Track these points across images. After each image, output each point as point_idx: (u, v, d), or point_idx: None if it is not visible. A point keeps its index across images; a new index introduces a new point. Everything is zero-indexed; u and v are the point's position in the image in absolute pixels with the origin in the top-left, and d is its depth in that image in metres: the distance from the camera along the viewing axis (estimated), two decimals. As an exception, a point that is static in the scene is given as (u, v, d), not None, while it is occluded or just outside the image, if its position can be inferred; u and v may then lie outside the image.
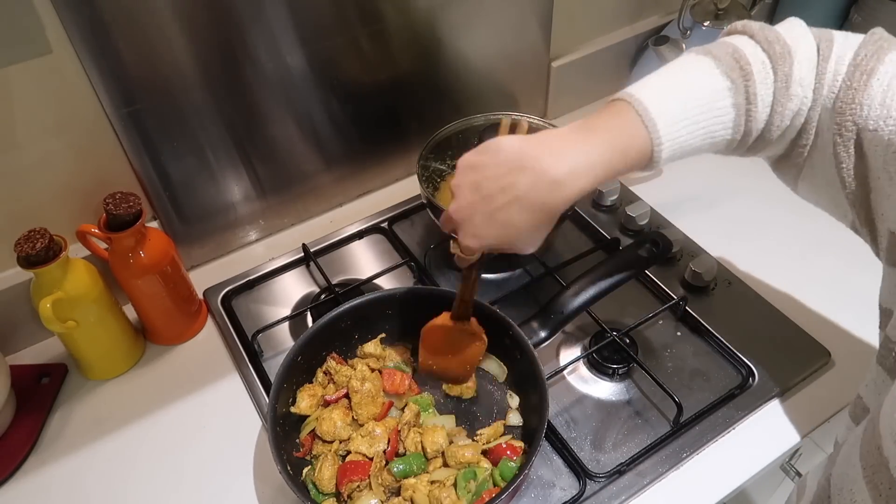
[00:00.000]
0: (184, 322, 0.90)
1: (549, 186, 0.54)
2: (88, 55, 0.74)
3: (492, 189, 0.56)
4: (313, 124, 0.96)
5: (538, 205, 0.55)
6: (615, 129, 0.55)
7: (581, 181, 0.54)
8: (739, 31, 0.59)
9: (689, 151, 0.57)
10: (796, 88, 0.55)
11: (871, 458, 0.51)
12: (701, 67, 0.56)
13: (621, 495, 0.72)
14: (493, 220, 0.57)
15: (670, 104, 0.55)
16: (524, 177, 0.55)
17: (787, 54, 0.55)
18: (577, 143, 0.55)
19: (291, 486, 0.65)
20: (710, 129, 0.56)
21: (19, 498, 0.76)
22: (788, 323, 0.86)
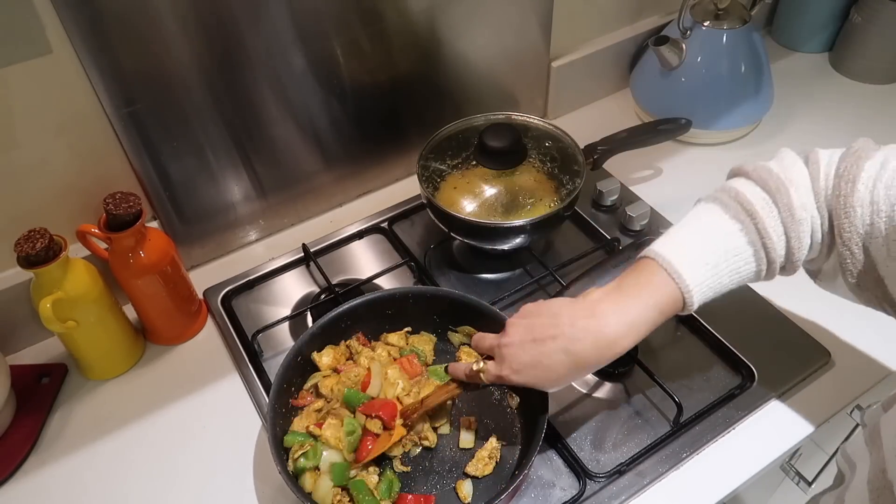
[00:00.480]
0: (184, 322, 0.90)
1: (599, 344, 0.61)
2: (88, 55, 0.74)
3: (545, 335, 0.62)
4: (313, 124, 0.96)
5: (582, 358, 0.61)
6: (649, 288, 0.61)
7: (627, 340, 0.61)
8: (736, 173, 0.67)
9: (721, 290, 0.63)
10: (801, 213, 0.61)
11: (876, 481, 0.52)
12: (712, 216, 0.63)
13: (621, 495, 0.72)
14: (538, 364, 0.62)
15: (690, 255, 0.61)
16: (574, 331, 0.61)
17: (781, 187, 0.61)
18: (618, 305, 0.61)
19: (291, 486, 0.65)
20: (733, 267, 0.62)
21: (19, 498, 0.76)
22: (788, 323, 0.86)
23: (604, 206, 1.03)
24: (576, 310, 0.63)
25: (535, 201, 0.89)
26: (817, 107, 1.21)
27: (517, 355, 0.64)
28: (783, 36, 1.36)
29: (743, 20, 1.08)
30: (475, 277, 0.96)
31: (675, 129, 1.03)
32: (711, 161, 1.12)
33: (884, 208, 0.56)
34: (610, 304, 0.62)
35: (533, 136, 0.95)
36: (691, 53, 1.09)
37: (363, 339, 0.82)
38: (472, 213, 0.89)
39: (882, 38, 1.21)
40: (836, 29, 1.29)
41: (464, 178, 0.92)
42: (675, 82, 1.12)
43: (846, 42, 1.27)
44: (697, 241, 0.62)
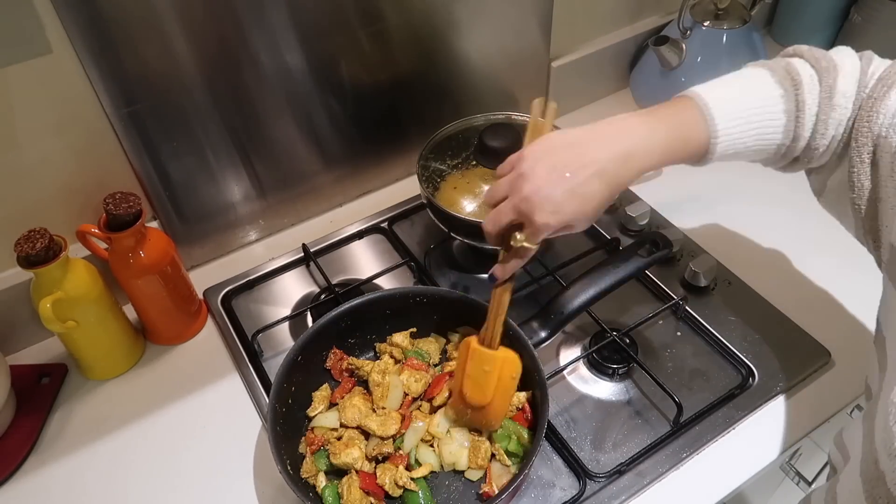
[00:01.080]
0: (184, 322, 0.90)
1: (624, 159, 0.60)
2: (88, 55, 0.74)
3: (573, 166, 0.60)
4: (313, 124, 0.96)
5: (615, 177, 0.60)
6: (679, 117, 0.62)
7: (647, 158, 0.60)
8: (791, 53, 0.66)
9: (741, 150, 0.63)
10: (839, 99, 0.60)
11: (869, 472, 0.52)
12: (758, 77, 0.63)
13: (621, 495, 0.72)
14: (575, 195, 0.60)
15: (728, 105, 0.61)
16: (602, 153, 0.60)
17: (831, 68, 0.61)
18: (642, 124, 0.61)
19: (291, 486, 0.65)
20: (762, 130, 0.61)
21: (19, 498, 0.76)
22: (788, 323, 0.87)
23: (604, 206, 1.03)
24: (596, 130, 0.62)
25: (535, 201, 0.89)
26: (817, 107, 1.21)
27: (551, 197, 0.60)
28: (783, 36, 1.35)
29: (743, 20, 1.08)
30: (475, 277, 0.96)
31: (675, 129, 1.03)
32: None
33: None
34: (637, 121, 0.62)
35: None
36: (691, 53, 1.09)
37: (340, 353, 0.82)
38: (472, 213, 0.89)
39: (882, 38, 1.21)
40: (836, 29, 1.29)
41: (464, 178, 0.92)
42: (675, 82, 1.12)
43: (846, 42, 1.26)
44: (737, 93, 0.63)
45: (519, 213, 0.62)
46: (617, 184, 0.61)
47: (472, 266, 0.98)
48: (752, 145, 0.62)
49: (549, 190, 0.60)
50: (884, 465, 0.50)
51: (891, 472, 0.49)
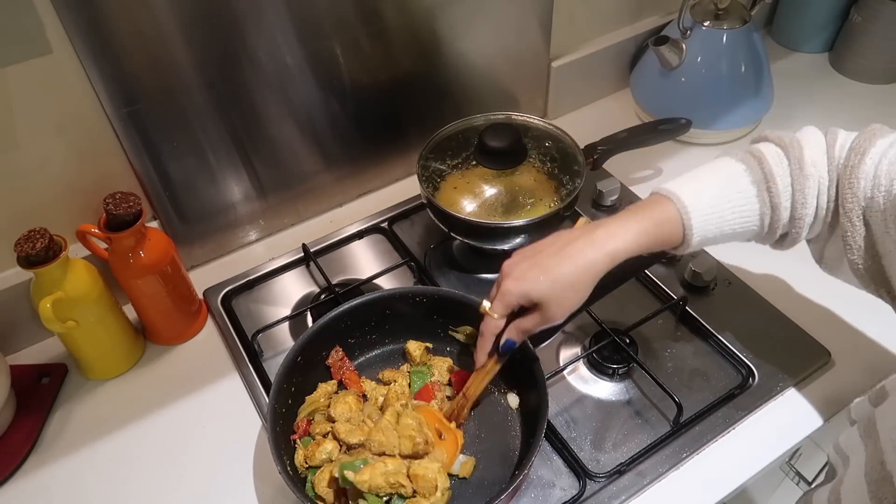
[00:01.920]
0: (184, 322, 0.90)
1: (593, 244, 0.63)
2: (88, 55, 0.74)
3: (544, 249, 0.66)
4: (313, 124, 0.96)
5: (582, 259, 0.63)
6: (646, 208, 0.65)
7: (620, 241, 0.63)
8: (756, 140, 0.69)
9: (722, 226, 0.65)
10: (810, 169, 0.63)
11: (874, 473, 0.53)
12: (719, 161, 0.68)
13: (621, 495, 0.72)
14: (542, 267, 0.64)
15: (692, 184, 0.65)
16: (577, 241, 0.64)
17: (795, 143, 0.64)
18: (616, 219, 0.65)
19: (291, 486, 0.65)
20: (736, 204, 0.64)
21: (19, 498, 0.76)
22: (788, 323, 0.86)
23: (604, 206, 1.03)
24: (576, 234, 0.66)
25: (535, 201, 0.89)
26: (817, 107, 1.21)
27: (519, 267, 0.65)
28: (783, 36, 1.36)
29: (743, 20, 1.08)
30: (475, 277, 0.96)
31: (675, 129, 1.03)
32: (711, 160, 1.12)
33: (884, 182, 0.58)
34: (609, 222, 0.65)
35: (533, 136, 0.95)
36: (691, 53, 1.09)
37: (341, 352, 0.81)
38: (472, 213, 0.89)
39: (882, 38, 1.21)
40: (836, 29, 1.29)
41: (464, 178, 0.92)
42: (675, 82, 1.12)
43: (846, 42, 1.27)
44: (701, 179, 0.66)
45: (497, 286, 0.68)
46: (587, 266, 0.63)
47: (472, 266, 0.98)
48: (730, 219, 0.65)
49: (522, 263, 0.65)
50: (891, 465, 0.51)
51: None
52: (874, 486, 0.53)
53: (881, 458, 0.52)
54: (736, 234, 0.66)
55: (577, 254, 0.63)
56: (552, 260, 0.64)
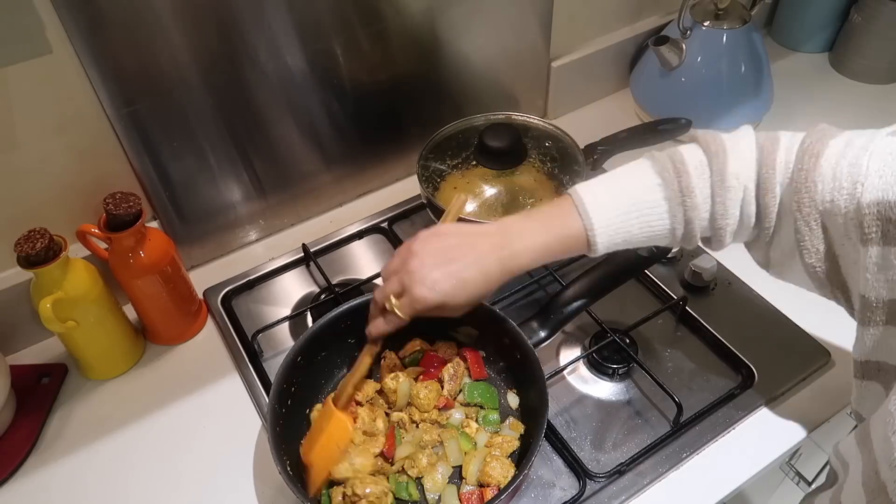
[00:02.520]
0: (184, 322, 0.90)
1: (503, 259, 0.64)
2: (88, 55, 0.74)
3: (457, 253, 0.65)
4: (313, 124, 0.96)
5: (493, 273, 0.64)
6: (558, 220, 0.65)
7: (524, 259, 0.64)
8: (687, 140, 0.68)
9: (630, 239, 0.65)
10: (732, 181, 0.62)
11: (870, 483, 0.53)
12: (639, 168, 0.66)
13: (621, 495, 0.72)
14: (454, 278, 0.64)
15: (603, 196, 0.64)
16: (486, 244, 0.65)
17: (721, 152, 0.63)
18: (525, 229, 0.65)
19: (291, 486, 0.65)
20: (644, 220, 0.64)
21: (19, 498, 0.76)
22: (788, 323, 0.86)
23: (604, 206, 1.03)
24: (486, 231, 0.66)
25: (535, 201, 0.89)
26: (817, 107, 1.21)
27: (430, 274, 0.64)
28: (783, 36, 1.35)
29: (743, 20, 1.08)
30: (475, 277, 0.96)
31: (675, 129, 1.03)
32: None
33: (846, 185, 0.56)
34: (518, 228, 0.66)
35: (533, 136, 0.95)
36: (691, 53, 1.09)
37: None
38: (472, 214, 0.89)
39: (882, 38, 1.21)
40: (836, 29, 1.29)
41: (464, 178, 0.92)
42: (675, 82, 1.12)
43: (846, 42, 1.27)
44: (615, 188, 0.65)
45: (402, 284, 0.66)
46: (494, 279, 0.65)
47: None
48: (639, 234, 0.64)
49: (431, 269, 0.64)
50: (884, 475, 0.51)
51: (891, 482, 0.49)
52: (871, 495, 0.53)
53: (875, 468, 0.52)
54: (646, 242, 0.66)
55: (490, 266, 0.64)
56: (467, 275, 0.64)
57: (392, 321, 0.68)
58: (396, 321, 0.68)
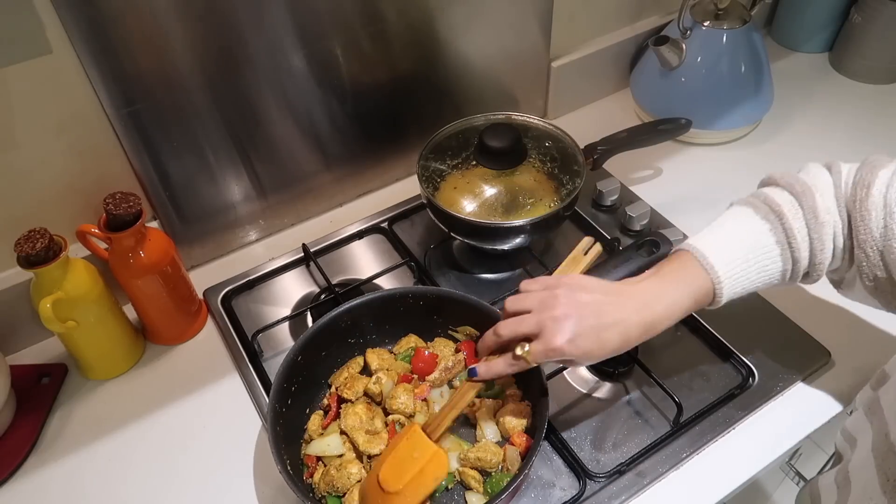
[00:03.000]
0: (184, 322, 0.90)
1: (647, 327, 0.64)
2: (88, 55, 0.74)
3: (604, 312, 0.64)
4: (313, 124, 0.96)
5: (631, 333, 0.64)
6: (686, 278, 0.66)
7: (664, 323, 0.65)
8: (766, 182, 0.71)
9: (749, 287, 0.67)
10: (824, 216, 0.65)
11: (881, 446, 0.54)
12: (742, 215, 0.68)
13: (621, 495, 0.72)
14: (595, 333, 0.63)
15: (723, 251, 0.66)
16: (629, 307, 0.64)
17: (806, 191, 0.66)
18: (661, 291, 0.66)
19: (291, 486, 0.65)
20: (761, 265, 0.66)
21: (19, 498, 0.76)
22: (788, 323, 0.86)
23: (604, 206, 1.03)
24: (628, 292, 0.66)
25: (535, 201, 0.89)
26: (817, 107, 1.21)
27: (575, 328, 0.63)
28: (783, 36, 1.36)
29: (743, 20, 1.08)
30: (475, 277, 0.96)
31: (675, 129, 1.03)
32: (711, 161, 1.12)
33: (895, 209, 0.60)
34: (654, 290, 0.66)
35: (533, 136, 0.95)
36: (691, 53, 1.09)
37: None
38: (472, 213, 0.89)
39: (882, 38, 1.21)
40: (836, 29, 1.29)
41: (464, 178, 0.92)
42: (675, 82, 1.12)
43: (846, 42, 1.27)
44: (730, 238, 0.67)
45: (541, 329, 0.64)
46: (632, 341, 0.64)
47: (472, 266, 0.98)
48: (756, 280, 0.66)
49: (578, 321, 0.63)
50: (894, 437, 0.52)
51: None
52: (880, 459, 0.54)
53: (885, 430, 0.54)
54: (758, 287, 0.68)
55: (632, 337, 0.64)
56: (608, 336, 0.63)
57: (517, 366, 0.66)
58: (522, 366, 0.66)
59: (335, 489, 0.70)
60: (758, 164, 1.11)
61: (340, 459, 0.73)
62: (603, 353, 0.64)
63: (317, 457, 0.74)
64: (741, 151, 1.14)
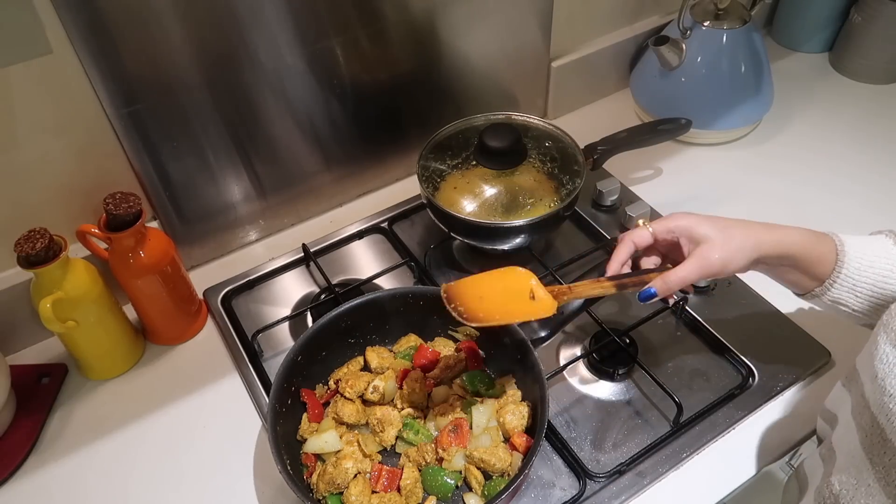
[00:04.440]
0: (184, 322, 0.90)
1: (766, 227, 0.67)
2: (88, 55, 0.74)
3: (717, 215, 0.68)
4: (313, 124, 0.96)
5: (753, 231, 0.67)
6: (815, 237, 0.67)
7: (790, 236, 0.66)
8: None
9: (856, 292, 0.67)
10: None
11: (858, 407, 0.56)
12: (878, 236, 0.69)
13: (621, 495, 0.72)
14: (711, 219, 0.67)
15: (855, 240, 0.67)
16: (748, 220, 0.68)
17: None
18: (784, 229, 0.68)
19: (291, 486, 0.65)
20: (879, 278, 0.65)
21: (19, 498, 0.76)
22: (788, 323, 0.86)
23: (604, 206, 1.03)
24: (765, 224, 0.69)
25: (535, 201, 0.89)
26: (817, 107, 1.22)
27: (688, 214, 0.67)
28: (783, 36, 1.36)
29: (743, 20, 1.08)
30: (475, 277, 0.96)
31: (675, 129, 1.03)
32: (711, 161, 1.12)
33: None
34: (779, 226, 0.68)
35: (533, 136, 0.95)
36: (691, 53, 1.09)
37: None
38: (472, 213, 0.89)
39: (882, 38, 1.21)
40: (836, 29, 1.29)
41: (464, 178, 0.92)
42: (675, 82, 1.12)
43: (846, 42, 1.27)
44: (869, 245, 0.67)
45: None
46: (748, 248, 0.66)
47: (472, 266, 0.98)
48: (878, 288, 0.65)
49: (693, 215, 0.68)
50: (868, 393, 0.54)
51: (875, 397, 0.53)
52: (858, 417, 0.55)
53: (861, 390, 0.55)
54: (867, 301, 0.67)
55: (749, 225, 0.67)
56: (723, 220, 0.67)
57: (639, 235, 0.70)
58: (645, 236, 0.69)
59: (335, 486, 0.70)
60: (758, 164, 1.11)
61: (336, 455, 0.73)
62: (730, 233, 0.66)
63: (315, 455, 0.74)
64: (741, 151, 1.14)
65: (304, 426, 0.76)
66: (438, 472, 0.71)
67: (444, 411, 0.76)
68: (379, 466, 0.72)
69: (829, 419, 0.65)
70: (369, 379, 0.77)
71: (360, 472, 0.71)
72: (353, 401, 0.77)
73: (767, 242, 0.66)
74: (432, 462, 0.72)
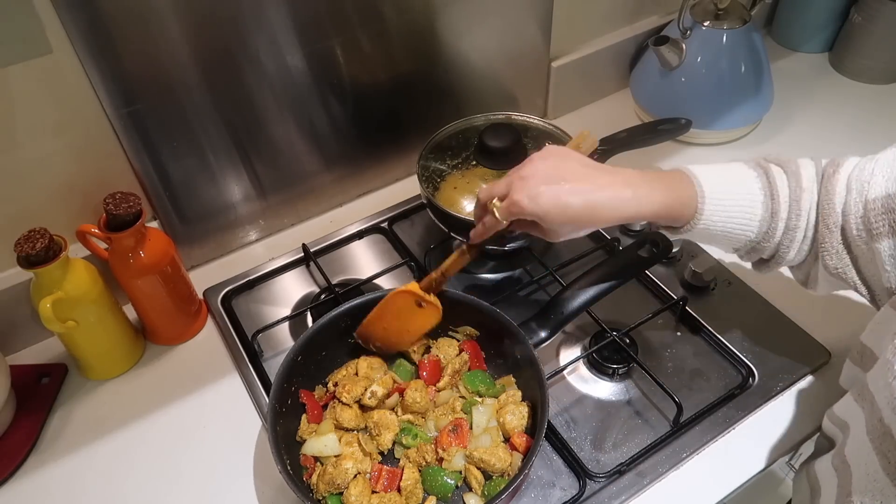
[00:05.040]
0: (184, 322, 0.90)
1: (623, 197, 0.64)
2: (88, 55, 0.74)
3: (572, 178, 0.65)
4: (313, 124, 0.96)
5: (601, 206, 0.64)
6: (671, 184, 0.67)
7: (633, 209, 0.65)
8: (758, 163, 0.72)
9: (727, 222, 0.67)
10: (806, 183, 0.67)
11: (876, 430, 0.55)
12: (734, 164, 0.71)
13: (621, 495, 0.72)
14: (555, 195, 0.64)
15: (713, 176, 0.68)
16: (605, 180, 0.65)
17: (792, 162, 0.69)
18: (646, 181, 0.66)
19: (291, 486, 0.65)
20: (744, 204, 0.67)
21: (19, 498, 0.76)
22: (788, 323, 0.86)
23: (604, 206, 1.03)
24: (610, 171, 0.67)
25: (535, 201, 0.89)
26: (817, 107, 1.21)
27: (537, 186, 0.64)
28: (783, 36, 1.36)
29: (743, 20, 1.08)
30: (475, 277, 0.96)
31: (675, 129, 1.03)
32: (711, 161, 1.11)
33: (855, 187, 0.63)
34: (639, 179, 0.66)
35: (533, 136, 0.95)
36: (691, 53, 1.09)
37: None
38: (472, 213, 0.89)
39: (882, 38, 1.21)
40: (836, 29, 1.29)
41: (464, 178, 0.92)
42: (675, 82, 1.12)
43: (846, 42, 1.27)
44: (722, 171, 0.69)
45: (508, 187, 0.67)
46: (600, 217, 0.65)
47: (472, 266, 0.97)
48: (735, 216, 0.67)
49: (539, 182, 0.64)
50: (888, 420, 0.53)
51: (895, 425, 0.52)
52: (877, 442, 0.55)
53: (879, 415, 0.55)
54: (733, 234, 0.69)
55: (598, 203, 0.64)
56: (573, 200, 0.63)
57: (490, 223, 0.69)
58: (493, 223, 0.69)
59: (335, 486, 0.70)
60: (758, 164, 1.11)
61: (336, 456, 0.73)
62: (564, 216, 0.64)
63: (314, 457, 0.74)
64: (741, 151, 1.14)
65: (303, 427, 0.76)
66: (438, 472, 0.71)
67: (444, 411, 0.76)
68: (379, 467, 0.72)
69: (840, 425, 0.65)
70: (366, 384, 0.77)
71: (360, 472, 0.71)
72: (351, 406, 0.77)
73: (615, 223, 0.66)
74: (432, 462, 0.72)
